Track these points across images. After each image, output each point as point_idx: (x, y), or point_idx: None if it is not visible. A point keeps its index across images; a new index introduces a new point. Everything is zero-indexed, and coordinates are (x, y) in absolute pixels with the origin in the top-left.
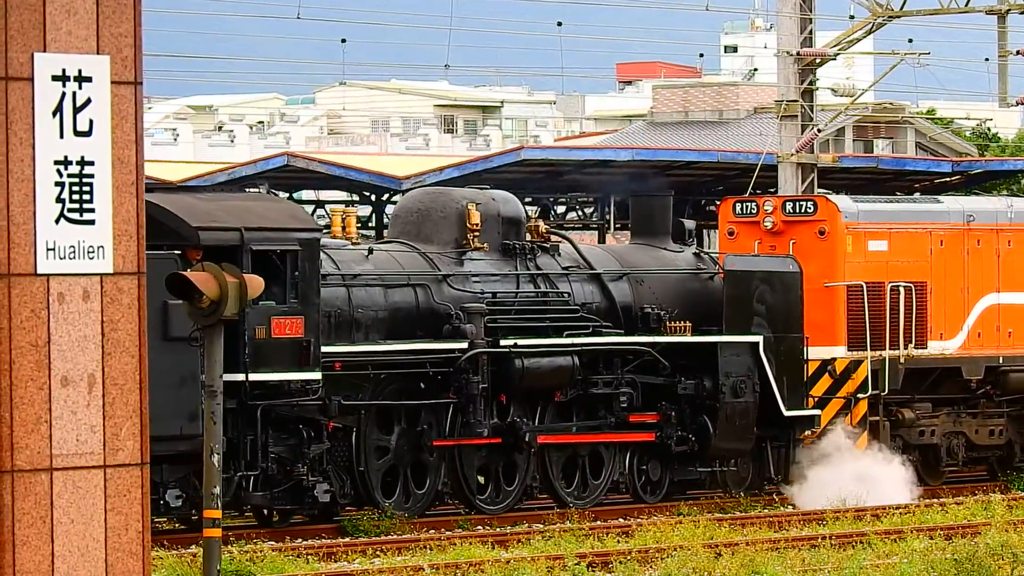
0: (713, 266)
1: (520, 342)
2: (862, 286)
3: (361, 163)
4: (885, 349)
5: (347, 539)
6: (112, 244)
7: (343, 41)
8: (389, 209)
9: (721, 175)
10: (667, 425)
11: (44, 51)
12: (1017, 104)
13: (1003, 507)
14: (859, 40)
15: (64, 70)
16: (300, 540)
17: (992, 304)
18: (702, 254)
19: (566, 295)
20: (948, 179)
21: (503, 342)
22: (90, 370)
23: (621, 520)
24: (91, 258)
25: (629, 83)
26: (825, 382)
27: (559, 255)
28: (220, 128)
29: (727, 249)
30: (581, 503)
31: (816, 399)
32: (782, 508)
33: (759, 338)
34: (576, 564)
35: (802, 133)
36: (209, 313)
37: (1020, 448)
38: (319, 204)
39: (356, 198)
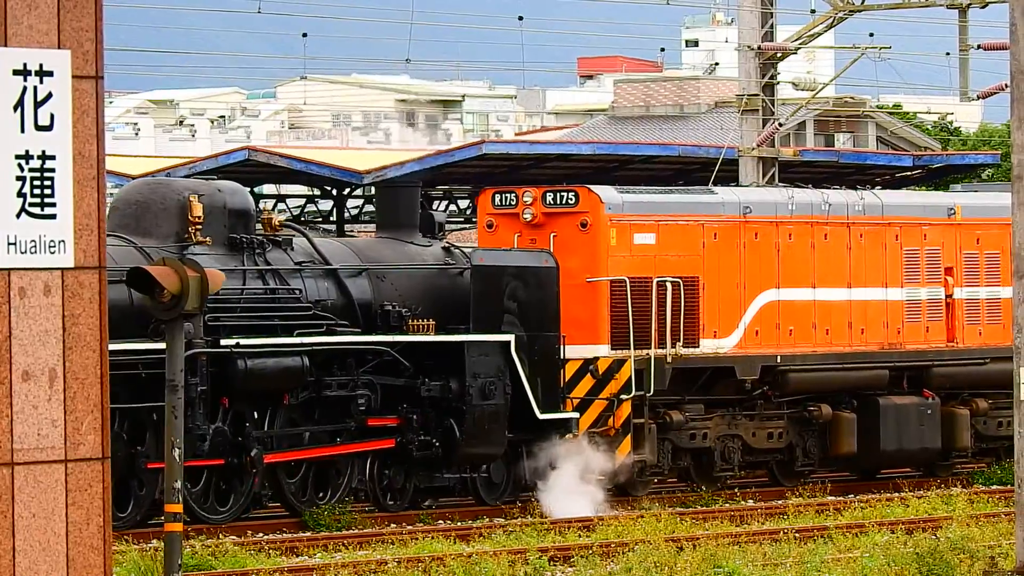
0: (464, 261)
1: (243, 342)
2: (625, 281)
3: (322, 157)
4: (651, 348)
5: (309, 533)
6: (73, 239)
7: (304, 35)
8: (351, 203)
9: (682, 169)
10: (409, 430)
11: (5, 45)
12: (978, 98)
13: (964, 501)
14: (820, 34)
15: (25, 64)
16: (262, 535)
17: (771, 300)
18: (452, 248)
19: (297, 292)
20: (909, 173)
21: (224, 342)
22: (51, 364)
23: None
24: (52, 252)
25: (590, 77)
26: (587, 383)
27: (292, 250)
28: (181, 122)
29: (486, 243)
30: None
31: (576, 401)
32: (743, 502)
33: (510, 337)
34: (538, 558)
35: (763, 127)
36: (170, 307)
37: (803, 452)
38: (280, 199)
39: (317, 192)
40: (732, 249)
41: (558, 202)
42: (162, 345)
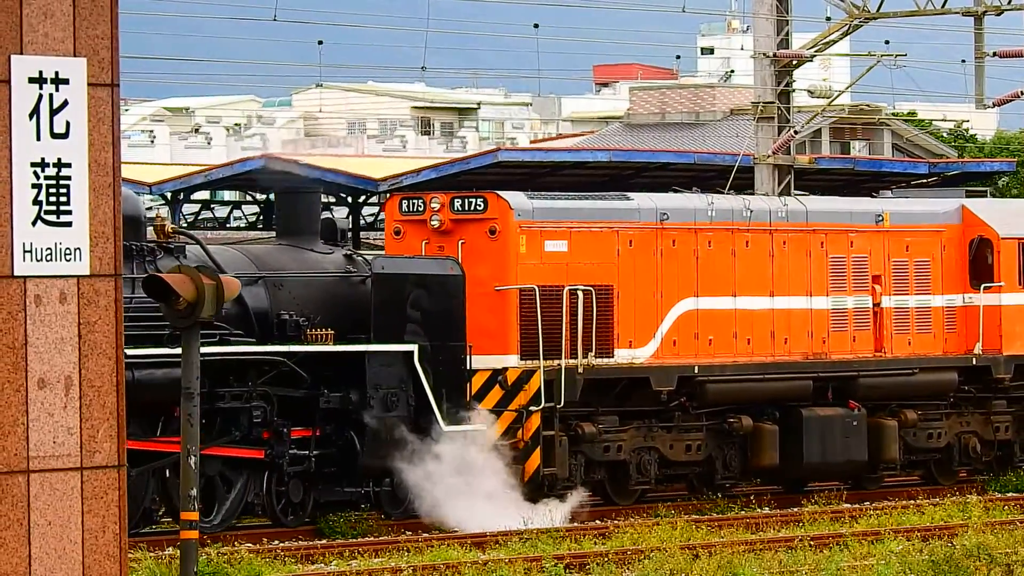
0: (367, 269)
1: (130, 352)
2: (535, 290)
3: (338, 165)
4: (562, 358)
5: (324, 541)
6: (89, 246)
7: (320, 43)
8: (366, 211)
9: (697, 176)
10: (278, 443)
11: (21, 53)
12: (994, 106)
13: (979, 508)
14: (836, 42)
15: (41, 72)
16: (277, 542)
17: (690, 309)
18: (355, 256)
19: None
20: (925, 180)
21: None
22: (67, 372)
23: (598, 522)
24: (68, 260)
25: (606, 85)
26: (496, 394)
27: (185, 258)
28: (197, 130)
29: (394, 251)
30: (207, 528)
31: (484, 413)
32: (759, 510)
33: (414, 347)
34: (553, 566)
35: (778, 135)
36: (186, 315)
37: (723, 464)
38: None
39: (333, 200)
40: (648, 256)
41: (466, 208)
42: None
